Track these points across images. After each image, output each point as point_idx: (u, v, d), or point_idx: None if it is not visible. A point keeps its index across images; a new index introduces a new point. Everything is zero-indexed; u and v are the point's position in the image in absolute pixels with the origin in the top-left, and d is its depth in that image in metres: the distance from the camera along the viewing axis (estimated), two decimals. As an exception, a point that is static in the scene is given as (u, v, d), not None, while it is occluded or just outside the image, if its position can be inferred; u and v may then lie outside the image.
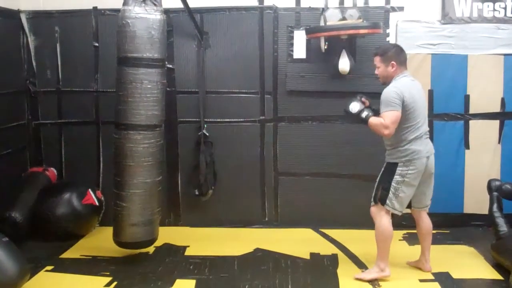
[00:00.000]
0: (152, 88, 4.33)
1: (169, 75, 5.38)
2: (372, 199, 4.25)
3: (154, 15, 4.28)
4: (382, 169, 4.22)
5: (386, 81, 4.17)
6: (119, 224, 4.49)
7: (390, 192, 4.11)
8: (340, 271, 4.42)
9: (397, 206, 4.14)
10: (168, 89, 5.37)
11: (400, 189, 4.10)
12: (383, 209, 4.16)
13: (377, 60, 4.18)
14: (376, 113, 4.13)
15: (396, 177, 4.09)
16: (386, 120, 3.99)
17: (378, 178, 4.23)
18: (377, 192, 4.20)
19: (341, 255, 4.79)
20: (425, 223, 4.40)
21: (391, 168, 4.12)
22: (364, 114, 4.15)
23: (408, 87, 4.06)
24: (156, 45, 4.31)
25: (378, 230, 4.21)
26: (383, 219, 4.17)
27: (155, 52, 4.32)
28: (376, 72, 4.22)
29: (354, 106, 4.19)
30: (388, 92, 4.04)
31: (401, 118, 4.01)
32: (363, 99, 4.25)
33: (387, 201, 4.13)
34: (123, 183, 4.42)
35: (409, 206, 4.32)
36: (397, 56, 4.12)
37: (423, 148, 4.09)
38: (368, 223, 5.42)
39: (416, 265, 4.49)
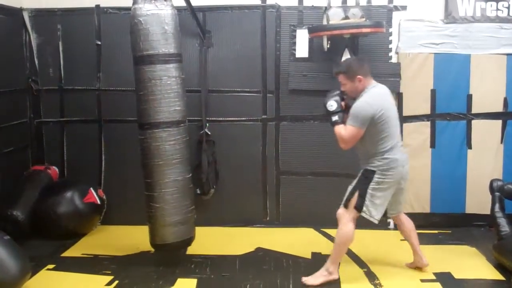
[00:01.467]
0: (172, 83, 4.30)
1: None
2: (342, 203, 4.19)
3: (165, 10, 4.24)
4: (359, 175, 4.17)
5: (356, 95, 4.11)
6: (155, 226, 4.44)
7: (367, 199, 4.06)
8: (341, 271, 4.39)
9: (374, 213, 4.09)
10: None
11: (376, 196, 4.06)
12: (351, 214, 4.12)
13: (341, 78, 4.12)
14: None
15: (373, 185, 4.05)
16: (346, 134, 4.01)
17: (354, 184, 4.18)
18: (350, 197, 4.13)
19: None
20: (405, 222, 4.42)
21: (369, 176, 4.08)
22: (334, 118, 4.10)
23: (380, 99, 4.05)
24: (171, 39, 4.27)
25: (340, 233, 4.15)
26: (348, 225, 4.12)
27: (171, 47, 4.28)
28: (343, 89, 4.16)
29: (332, 105, 4.11)
30: (360, 107, 4.00)
31: (376, 130, 3.99)
32: (343, 101, 4.16)
33: (364, 208, 4.07)
34: (154, 183, 4.37)
35: (384, 214, 4.28)
36: (361, 69, 4.08)
37: (400, 157, 4.08)
38: (369, 223, 5.43)
39: (414, 266, 4.47)
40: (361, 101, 4.03)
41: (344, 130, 4.03)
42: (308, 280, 4.19)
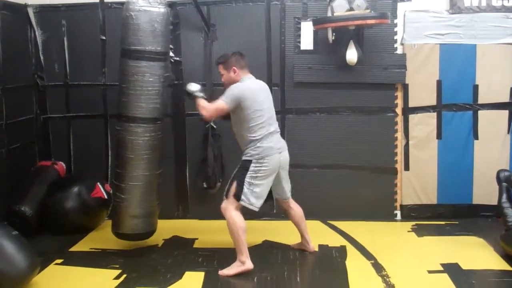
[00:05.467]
0: (154, 81, 4.36)
1: (176, 67, 5.41)
2: (224, 195, 4.37)
3: (157, 8, 4.29)
4: (238, 166, 4.37)
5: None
6: (119, 216, 4.55)
7: (245, 187, 4.24)
8: (348, 263, 4.42)
9: (254, 201, 4.27)
10: (175, 82, 5.40)
11: (254, 184, 4.25)
12: (233, 204, 4.28)
13: (220, 68, 4.47)
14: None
15: (250, 173, 4.25)
16: (211, 105, 4.32)
17: (233, 174, 4.39)
18: (229, 187, 4.33)
19: (349, 247, 4.78)
20: (295, 209, 4.65)
21: (246, 165, 4.28)
22: (197, 93, 4.39)
23: (251, 88, 4.35)
24: (159, 38, 4.33)
25: (229, 225, 4.28)
26: (232, 213, 4.26)
27: (158, 45, 4.33)
28: (222, 79, 4.50)
29: (193, 85, 4.45)
30: (232, 87, 4.32)
31: (246, 118, 4.27)
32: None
33: (242, 197, 4.25)
34: (124, 175, 4.46)
35: (272, 199, 4.57)
36: (237, 62, 4.41)
37: (274, 145, 4.32)
38: (376, 215, 5.44)
39: (300, 247, 4.70)
40: (234, 84, 4.36)
41: (209, 103, 4.34)
42: (223, 272, 4.29)
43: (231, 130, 5.35)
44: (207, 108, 4.31)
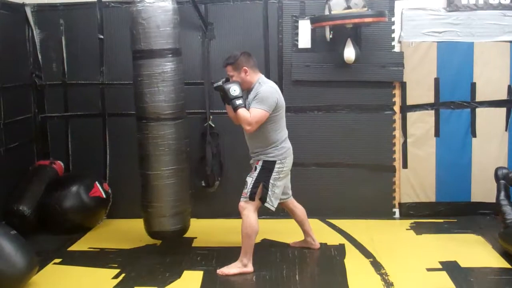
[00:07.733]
0: (143, 79, 4.41)
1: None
2: (247, 196, 4.23)
3: (138, 6, 4.32)
4: (258, 168, 4.25)
5: (249, 86, 4.27)
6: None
7: (269, 189, 4.21)
8: (347, 261, 4.42)
9: (275, 202, 4.28)
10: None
11: (275, 185, 4.24)
12: (254, 205, 4.23)
13: (229, 69, 4.28)
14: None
15: (274, 175, 4.22)
16: (252, 117, 4.10)
17: (255, 176, 4.24)
18: (254, 189, 4.21)
19: (348, 245, 4.78)
20: (298, 208, 4.67)
21: (269, 166, 4.22)
22: (238, 101, 4.14)
23: (277, 89, 4.29)
24: (140, 36, 4.34)
25: (245, 225, 4.23)
26: (251, 215, 4.22)
27: (138, 44, 4.38)
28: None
29: (235, 90, 4.15)
30: (268, 92, 4.16)
31: (276, 118, 4.20)
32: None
33: (267, 199, 4.22)
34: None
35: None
36: (247, 62, 4.25)
37: (290, 146, 4.35)
38: (374, 213, 5.45)
39: (302, 245, 4.73)
40: (268, 87, 4.20)
41: (249, 113, 4.12)
42: (222, 270, 4.27)
43: (229, 129, 5.38)
44: (250, 121, 4.09)
